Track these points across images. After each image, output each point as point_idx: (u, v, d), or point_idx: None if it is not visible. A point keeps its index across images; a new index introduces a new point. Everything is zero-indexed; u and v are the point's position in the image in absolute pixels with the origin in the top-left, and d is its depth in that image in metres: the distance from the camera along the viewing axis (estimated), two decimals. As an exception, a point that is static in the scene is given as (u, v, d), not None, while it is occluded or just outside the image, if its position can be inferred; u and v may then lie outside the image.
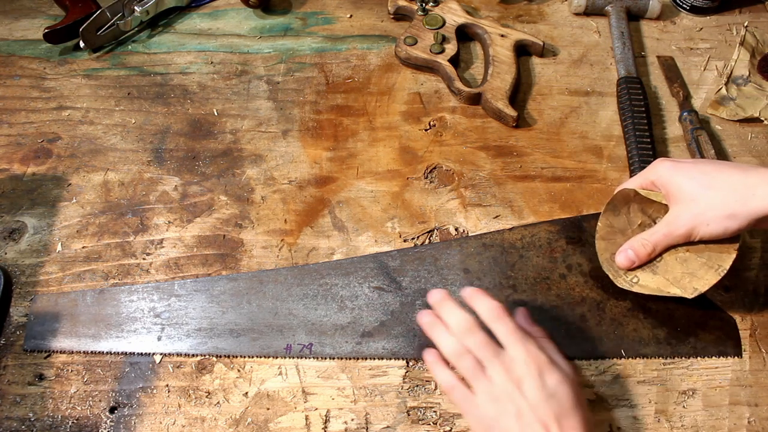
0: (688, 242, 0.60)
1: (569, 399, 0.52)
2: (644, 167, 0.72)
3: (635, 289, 0.62)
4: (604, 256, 0.64)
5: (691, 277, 0.60)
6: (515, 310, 0.60)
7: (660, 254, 0.61)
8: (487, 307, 0.56)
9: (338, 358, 0.64)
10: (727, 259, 0.59)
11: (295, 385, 0.63)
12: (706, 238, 0.58)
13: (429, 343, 0.57)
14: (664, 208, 0.61)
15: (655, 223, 0.62)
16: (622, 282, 0.63)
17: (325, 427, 0.61)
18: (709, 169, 0.58)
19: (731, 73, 0.84)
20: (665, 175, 0.60)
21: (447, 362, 0.57)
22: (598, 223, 0.65)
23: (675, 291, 0.60)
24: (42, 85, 0.82)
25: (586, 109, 0.81)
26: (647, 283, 0.62)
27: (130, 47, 0.86)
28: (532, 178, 0.75)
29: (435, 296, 0.58)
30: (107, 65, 0.84)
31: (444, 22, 0.85)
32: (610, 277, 0.64)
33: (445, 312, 0.57)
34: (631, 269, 0.62)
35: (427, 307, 0.65)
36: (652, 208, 0.63)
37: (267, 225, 0.72)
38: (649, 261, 0.61)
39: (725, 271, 0.59)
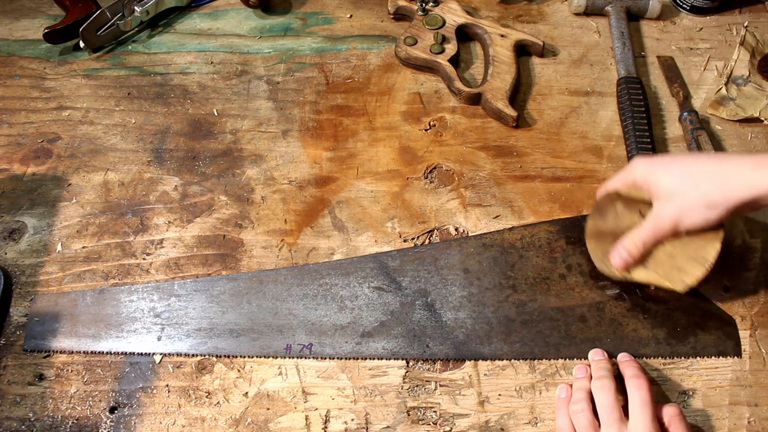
0: (675, 237, 0.61)
1: None
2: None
3: (630, 278, 0.63)
4: (596, 253, 0.65)
5: (680, 272, 0.61)
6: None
7: (650, 250, 0.62)
8: (633, 373, 0.58)
9: (338, 358, 0.64)
10: (711, 251, 0.61)
11: (295, 385, 0.63)
12: (690, 228, 0.59)
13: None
14: (650, 203, 0.62)
15: (645, 217, 0.62)
16: (617, 274, 0.64)
17: (325, 427, 0.61)
18: (687, 161, 0.59)
19: (731, 73, 0.83)
20: (645, 173, 0.61)
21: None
22: (586, 226, 0.66)
23: (667, 284, 0.62)
24: (42, 85, 0.82)
25: (586, 109, 0.81)
26: (640, 277, 0.63)
27: (130, 47, 0.86)
28: (532, 178, 0.75)
29: (594, 351, 0.63)
30: (107, 65, 0.84)
31: (444, 22, 0.85)
32: (605, 272, 0.64)
33: (594, 365, 0.61)
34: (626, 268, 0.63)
35: (428, 307, 0.66)
36: (639, 205, 0.63)
37: (267, 225, 0.72)
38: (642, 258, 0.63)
39: (711, 264, 0.61)
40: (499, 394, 0.62)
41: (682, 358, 0.64)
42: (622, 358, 0.62)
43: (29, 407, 0.61)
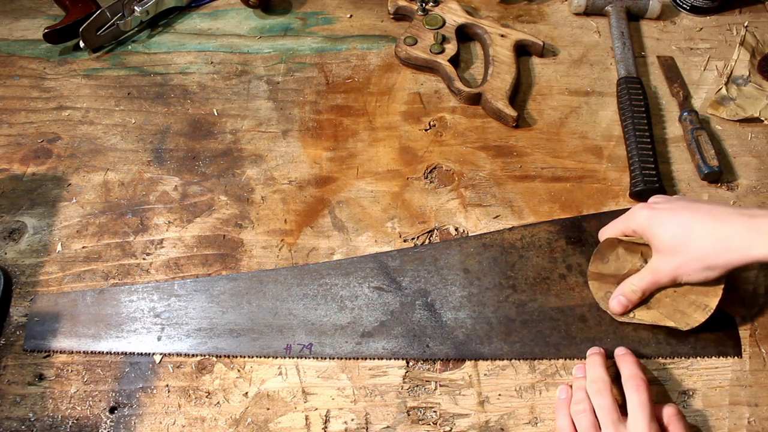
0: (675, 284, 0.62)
1: None
2: (644, 167, 0.72)
3: (635, 321, 0.64)
4: (598, 295, 0.65)
5: (682, 314, 0.62)
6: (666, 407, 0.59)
7: (651, 295, 0.63)
8: (631, 373, 0.58)
9: (338, 358, 0.64)
10: (713, 299, 0.61)
11: (295, 385, 0.63)
12: (690, 283, 0.61)
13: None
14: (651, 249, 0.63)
15: (646, 260, 0.63)
16: (620, 317, 0.64)
17: (325, 427, 0.61)
18: (685, 218, 0.59)
19: (731, 73, 0.83)
20: (644, 225, 0.61)
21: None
22: (588, 270, 0.66)
23: (670, 323, 0.62)
24: (42, 85, 0.82)
25: (586, 109, 0.81)
26: (643, 317, 0.63)
27: (130, 47, 0.86)
28: (532, 178, 0.75)
29: (590, 351, 0.62)
30: (107, 65, 0.84)
31: (444, 22, 0.85)
32: (609, 312, 0.65)
33: (589, 365, 0.61)
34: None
35: (428, 307, 0.66)
36: (641, 248, 0.64)
37: (267, 225, 0.72)
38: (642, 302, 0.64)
39: (712, 311, 0.61)
40: (499, 394, 0.63)
41: (682, 358, 0.64)
42: (619, 352, 0.62)
43: (29, 407, 0.61)
